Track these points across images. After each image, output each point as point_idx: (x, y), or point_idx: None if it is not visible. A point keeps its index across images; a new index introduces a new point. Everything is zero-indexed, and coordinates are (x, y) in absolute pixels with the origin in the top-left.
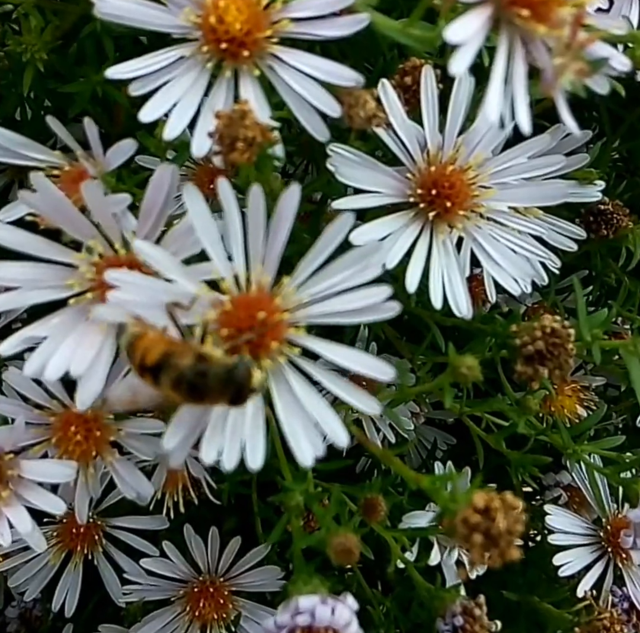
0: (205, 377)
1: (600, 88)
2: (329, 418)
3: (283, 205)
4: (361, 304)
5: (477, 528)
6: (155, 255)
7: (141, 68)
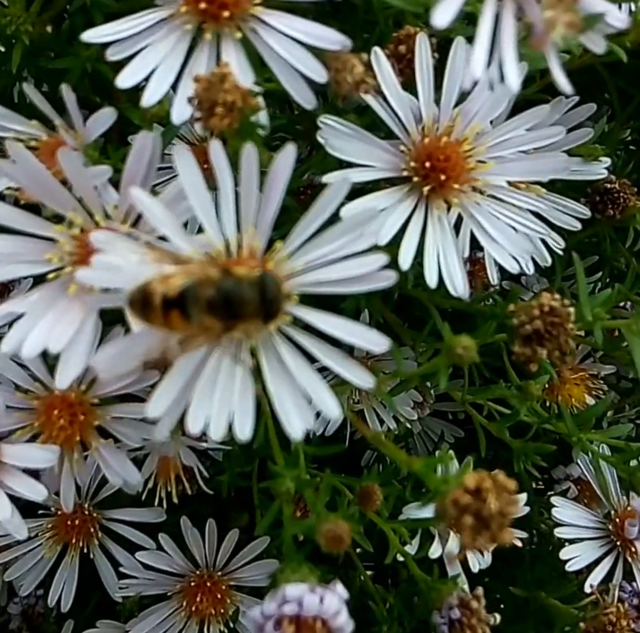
0: (240, 289)
1: (596, 46)
2: (320, 390)
3: (277, 166)
4: (356, 272)
5: (467, 510)
6: (152, 207)
7: (118, 32)
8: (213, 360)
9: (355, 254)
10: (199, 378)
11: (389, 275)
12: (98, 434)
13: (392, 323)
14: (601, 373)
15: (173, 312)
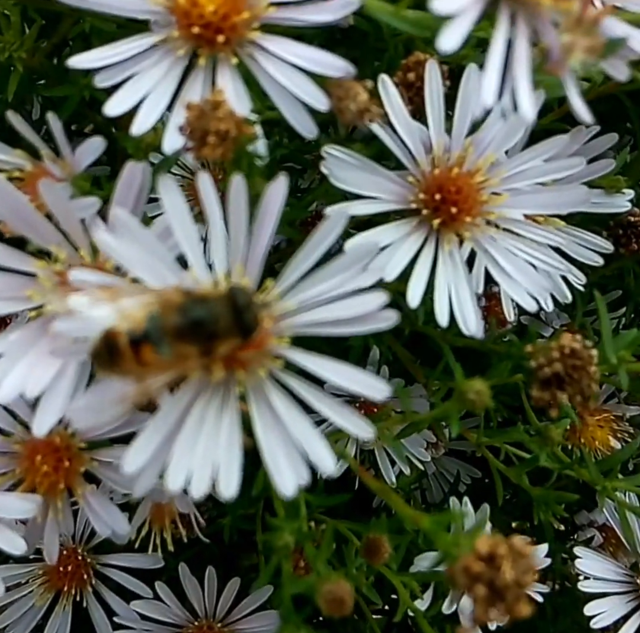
0: (206, 307)
1: (619, 73)
2: (314, 442)
3: (268, 198)
4: (354, 313)
5: (480, 579)
6: (118, 248)
7: (106, 57)
8: (198, 408)
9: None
10: (182, 429)
11: (389, 316)
12: (85, 480)
13: (403, 359)
14: (626, 414)
15: (143, 348)
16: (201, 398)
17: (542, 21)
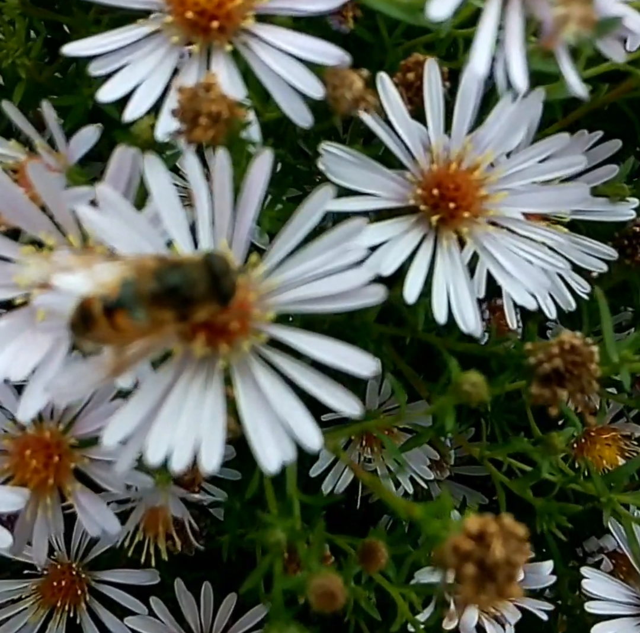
0: (182, 272)
1: (614, 53)
2: (300, 419)
3: (253, 174)
4: (339, 288)
5: (469, 557)
6: (101, 222)
7: (103, 45)
8: (182, 383)
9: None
10: (165, 403)
11: (376, 291)
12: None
13: (406, 374)
14: (635, 434)
15: (117, 314)
16: (185, 373)
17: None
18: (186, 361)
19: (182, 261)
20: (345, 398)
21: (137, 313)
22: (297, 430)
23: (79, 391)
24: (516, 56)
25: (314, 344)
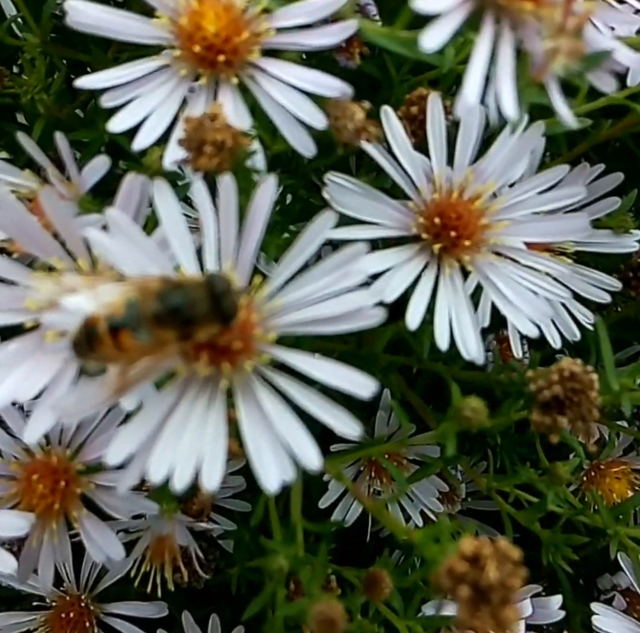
0: (183, 292)
1: (605, 85)
2: (300, 439)
3: (257, 199)
4: (340, 310)
5: (463, 579)
6: (110, 245)
7: (114, 78)
8: (185, 403)
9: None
10: (168, 422)
11: (375, 313)
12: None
13: (415, 405)
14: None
15: (122, 334)
16: (189, 393)
17: (526, 28)
18: (190, 381)
19: (184, 282)
20: (345, 419)
21: (141, 333)
22: (297, 451)
23: (83, 411)
24: (507, 86)
25: (314, 365)
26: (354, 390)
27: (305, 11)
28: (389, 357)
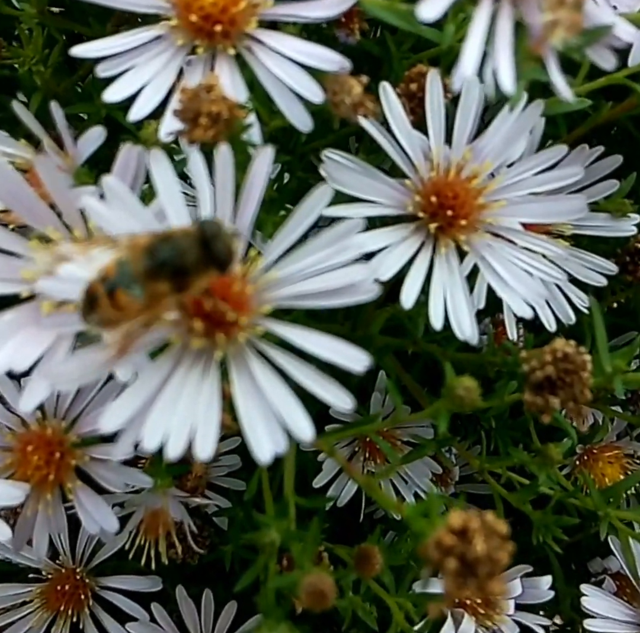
0: (174, 244)
1: (604, 61)
2: (293, 410)
3: (254, 169)
4: (336, 284)
5: (451, 552)
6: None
7: (111, 47)
8: (180, 373)
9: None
10: (163, 391)
11: (371, 288)
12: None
13: (410, 387)
14: (637, 452)
15: (117, 294)
16: (183, 363)
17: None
18: (184, 352)
19: (173, 232)
20: (337, 393)
21: (135, 289)
22: (289, 421)
23: (86, 375)
24: (505, 61)
25: (308, 338)
26: (347, 363)
27: None
28: (384, 338)
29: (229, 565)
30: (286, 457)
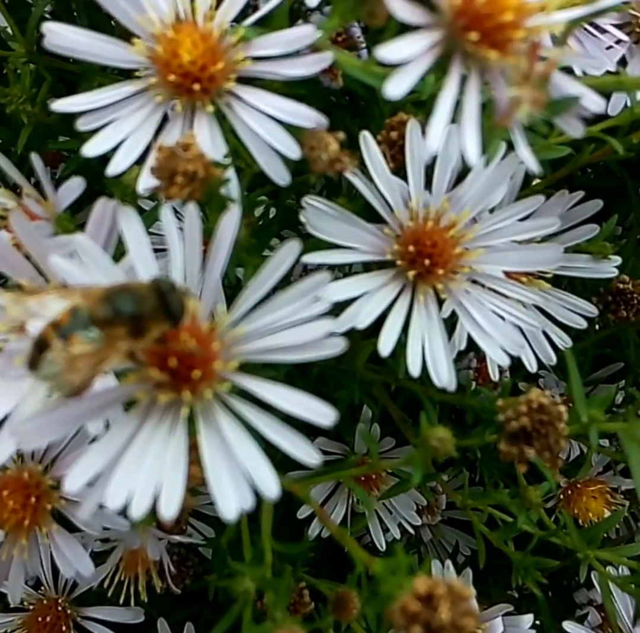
0: (131, 293)
1: (573, 130)
2: (260, 467)
3: (221, 229)
4: (302, 339)
5: (416, 619)
6: (74, 272)
7: (91, 102)
8: (146, 430)
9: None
10: (129, 449)
11: (337, 343)
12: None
13: (395, 418)
14: (622, 487)
15: (71, 337)
16: (150, 420)
17: (492, 75)
18: (151, 408)
19: (130, 284)
20: (304, 447)
21: (91, 333)
22: (256, 478)
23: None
24: (471, 134)
25: (274, 393)
26: (314, 418)
27: (281, 41)
28: (367, 373)
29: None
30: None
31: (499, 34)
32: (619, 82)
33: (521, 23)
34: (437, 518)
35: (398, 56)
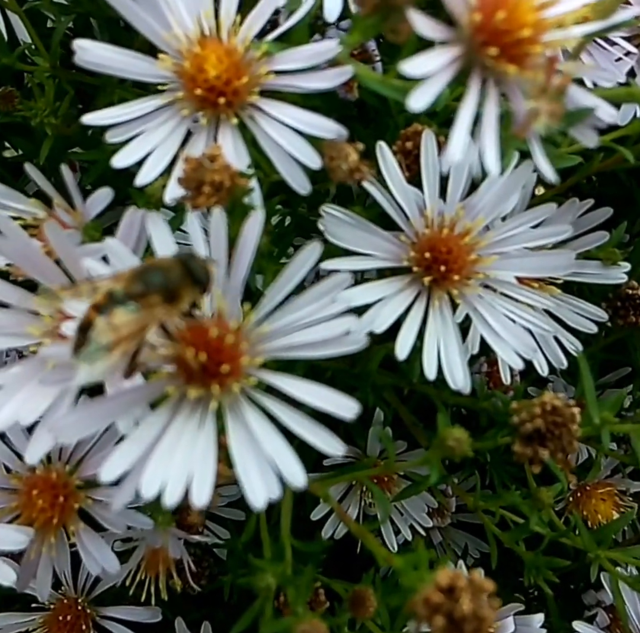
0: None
1: (588, 140)
2: (286, 458)
3: (246, 233)
4: (323, 336)
5: (439, 609)
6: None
7: (120, 115)
8: (176, 423)
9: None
10: (161, 441)
11: (358, 339)
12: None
13: (407, 422)
14: (630, 489)
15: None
16: (181, 414)
17: (510, 88)
18: (181, 402)
19: (154, 262)
20: (328, 439)
21: (129, 306)
22: (283, 469)
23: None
24: (490, 144)
25: (299, 387)
26: (337, 411)
27: (304, 56)
28: (381, 377)
29: (227, 595)
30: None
31: (517, 49)
32: (629, 94)
33: (539, 38)
34: (447, 521)
35: (421, 71)
